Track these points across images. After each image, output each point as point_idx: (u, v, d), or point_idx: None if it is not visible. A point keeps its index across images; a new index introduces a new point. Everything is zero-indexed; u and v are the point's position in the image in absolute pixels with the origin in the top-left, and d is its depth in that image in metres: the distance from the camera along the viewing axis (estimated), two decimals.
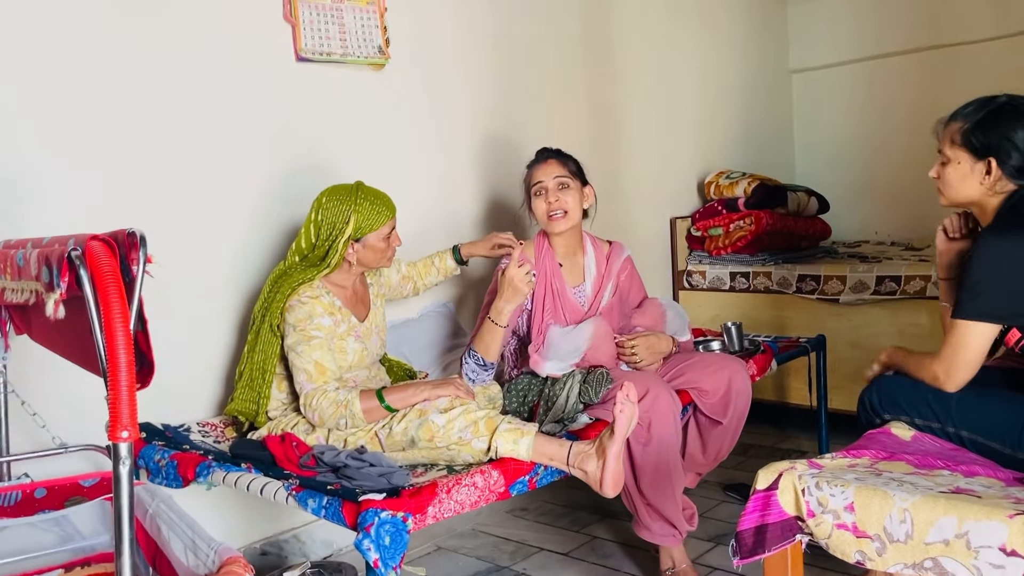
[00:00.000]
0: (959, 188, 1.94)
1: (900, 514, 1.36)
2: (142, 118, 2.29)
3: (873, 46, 4.56)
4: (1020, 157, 1.86)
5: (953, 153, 1.94)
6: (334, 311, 2.24)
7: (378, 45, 2.74)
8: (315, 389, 2.12)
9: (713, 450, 2.47)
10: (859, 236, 4.54)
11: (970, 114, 1.93)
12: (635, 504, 2.28)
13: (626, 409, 1.90)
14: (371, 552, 1.62)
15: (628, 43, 3.78)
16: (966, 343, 1.83)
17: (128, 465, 1.14)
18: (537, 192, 2.48)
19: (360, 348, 2.30)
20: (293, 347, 2.16)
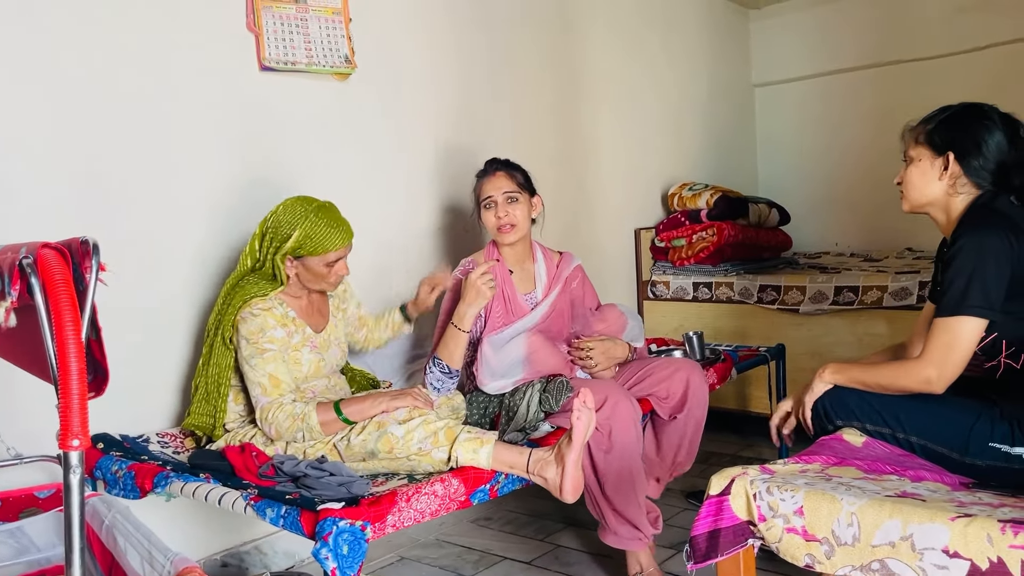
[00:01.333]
0: (920, 187, 1.97)
1: (848, 518, 1.39)
2: (102, 126, 2.27)
3: (833, 61, 4.66)
4: (981, 157, 1.89)
5: (916, 152, 1.99)
6: (287, 322, 2.22)
7: (344, 55, 2.75)
8: (271, 402, 2.10)
9: (670, 452, 2.48)
10: (819, 247, 4.62)
11: (935, 116, 1.99)
12: (601, 510, 2.30)
13: (583, 416, 1.92)
14: (329, 561, 1.62)
15: (593, 57, 3.83)
16: (958, 341, 1.81)
17: (79, 474, 1.14)
18: (487, 205, 2.52)
19: (316, 359, 2.28)
20: (247, 360, 2.15)
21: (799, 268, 3.93)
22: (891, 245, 4.27)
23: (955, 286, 1.81)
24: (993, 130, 1.90)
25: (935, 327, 1.84)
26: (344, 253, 2.24)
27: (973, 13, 4.14)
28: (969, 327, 1.80)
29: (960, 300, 1.80)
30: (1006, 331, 1.84)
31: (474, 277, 2.32)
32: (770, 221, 4.01)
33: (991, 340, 1.85)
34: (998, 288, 1.79)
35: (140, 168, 2.35)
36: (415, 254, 3.10)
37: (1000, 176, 1.90)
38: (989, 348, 1.87)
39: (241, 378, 2.21)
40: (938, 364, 1.82)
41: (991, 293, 1.78)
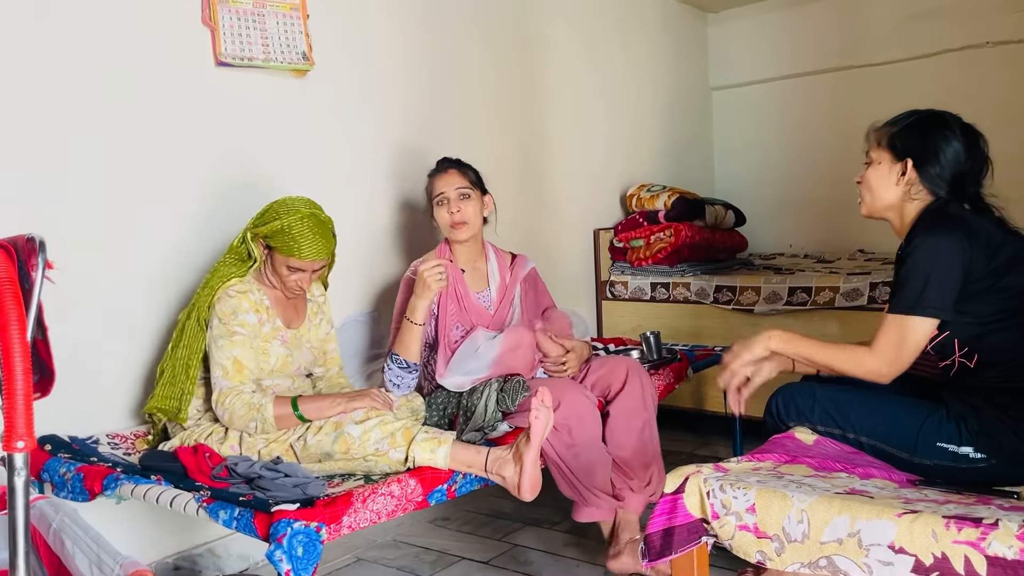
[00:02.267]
0: (878, 190, 2.01)
1: (798, 514, 1.42)
2: (53, 120, 2.22)
3: (789, 65, 4.73)
4: (938, 166, 1.93)
5: (877, 154, 2.02)
6: (260, 309, 2.22)
7: (302, 51, 2.72)
8: (230, 388, 2.09)
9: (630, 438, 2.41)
10: (775, 249, 4.69)
11: (899, 120, 2.02)
12: (578, 490, 2.30)
13: (541, 415, 1.94)
14: (283, 563, 1.60)
15: (551, 59, 3.84)
16: (908, 338, 1.84)
17: (24, 476, 1.11)
18: (439, 202, 2.54)
19: (285, 354, 2.27)
20: (215, 340, 2.14)
21: (754, 269, 3.99)
22: (844, 247, 4.35)
23: (910, 285, 1.84)
24: (952, 140, 1.94)
25: (888, 323, 1.87)
26: (308, 267, 2.20)
27: (924, 20, 4.24)
28: (922, 326, 1.84)
29: (915, 300, 1.83)
30: (959, 331, 1.88)
31: (422, 269, 2.35)
32: (726, 223, 4.06)
33: (943, 339, 1.89)
34: (952, 289, 1.82)
35: (92, 163, 2.30)
36: (372, 253, 3.08)
37: (956, 185, 1.94)
38: (941, 347, 1.91)
39: (207, 368, 2.18)
40: (888, 360, 1.85)
41: (946, 294, 1.82)
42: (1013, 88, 4.00)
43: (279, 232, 2.16)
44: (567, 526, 2.84)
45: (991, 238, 1.85)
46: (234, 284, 2.19)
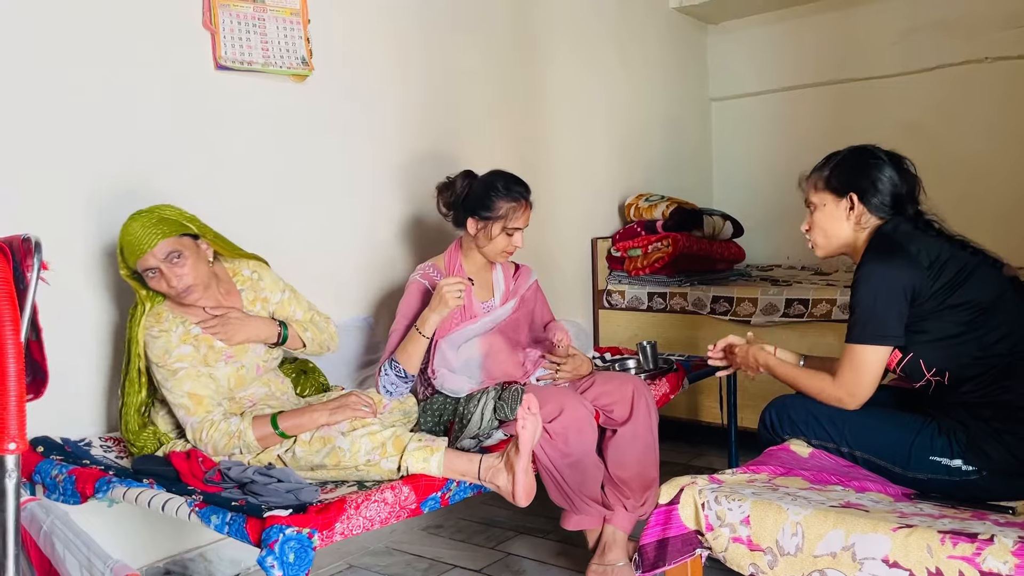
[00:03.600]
0: (831, 230, 2.11)
1: (792, 527, 1.42)
2: (52, 120, 2.22)
3: (788, 77, 4.74)
4: (879, 193, 2.03)
5: (819, 198, 2.12)
6: (188, 339, 2.11)
7: (301, 56, 2.72)
8: (200, 421, 2.04)
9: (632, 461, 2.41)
10: (772, 260, 4.70)
11: (826, 163, 2.13)
12: (570, 498, 2.29)
13: (528, 423, 1.93)
14: (274, 569, 1.59)
15: (552, 68, 3.84)
16: (864, 367, 1.93)
17: (15, 478, 1.11)
18: (509, 232, 2.48)
19: (234, 370, 2.18)
20: (162, 384, 2.08)
21: (751, 280, 3.99)
22: (840, 260, 4.35)
23: (855, 315, 1.95)
24: (883, 167, 2.05)
25: (843, 353, 1.98)
26: (156, 259, 2.03)
27: (924, 35, 4.26)
28: (871, 354, 1.92)
29: (860, 329, 1.93)
30: (923, 352, 1.93)
31: (444, 284, 2.27)
32: (724, 233, 4.06)
33: (908, 362, 1.95)
34: (898, 314, 1.90)
35: (90, 164, 2.29)
36: (371, 258, 3.08)
37: (896, 206, 2.04)
38: (910, 369, 1.96)
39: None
40: (848, 388, 1.95)
41: (888, 321, 1.90)
42: (1012, 103, 4.02)
43: (124, 250, 2.05)
44: (560, 535, 2.83)
45: (936, 257, 1.93)
46: (152, 325, 2.08)
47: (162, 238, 2.03)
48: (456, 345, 2.38)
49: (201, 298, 2.12)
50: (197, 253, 2.12)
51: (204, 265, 2.14)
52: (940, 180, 2.55)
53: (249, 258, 2.40)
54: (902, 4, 4.32)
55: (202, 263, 2.13)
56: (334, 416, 2.05)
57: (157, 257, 2.03)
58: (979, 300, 1.88)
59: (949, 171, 3.95)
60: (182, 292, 2.07)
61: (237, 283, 2.30)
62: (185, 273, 2.06)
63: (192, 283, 2.07)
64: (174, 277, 2.05)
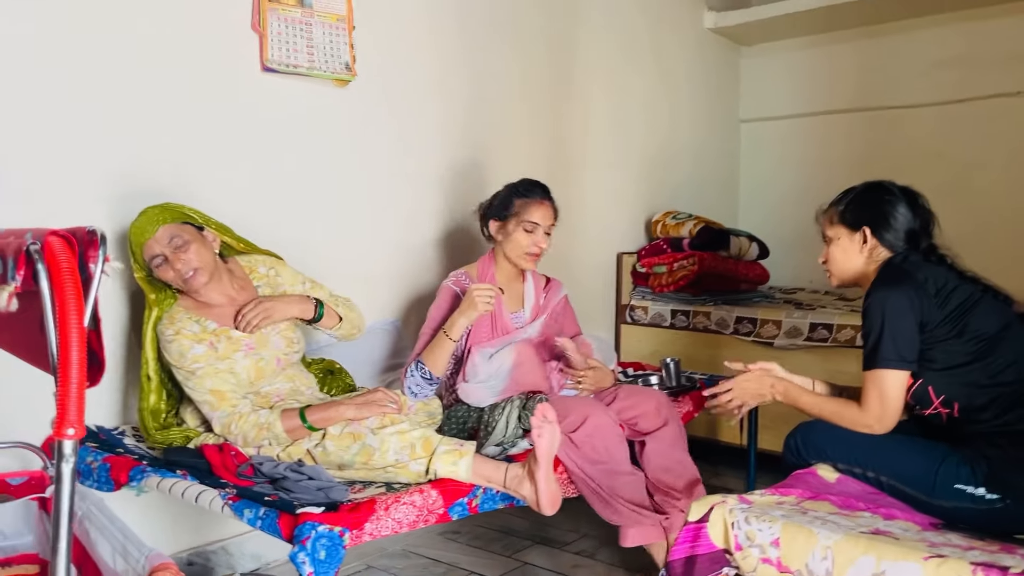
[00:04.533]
0: (844, 262, 2.17)
1: (823, 551, 1.43)
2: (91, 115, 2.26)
3: (818, 102, 4.75)
4: (891, 227, 2.09)
5: (834, 231, 2.18)
6: (205, 336, 2.14)
7: (345, 62, 2.76)
8: (228, 415, 2.07)
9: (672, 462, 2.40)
10: (795, 283, 4.69)
11: (842, 198, 2.19)
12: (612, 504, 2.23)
13: (544, 431, 1.94)
14: (305, 566, 1.62)
15: (585, 82, 3.87)
16: (885, 392, 1.96)
17: (72, 463, 1.13)
18: (528, 228, 2.53)
19: (253, 362, 2.20)
20: (184, 384, 2.13)
21: (775, 302, 3.99)
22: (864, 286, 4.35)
23: (869, 341, 1.99)
24: (896, 203, 2.11)
25: (864, 380, 2.01)
26: (158, 246, 2.09)
27: (954, 67, 4.26)
28: (890, 378, 1.95)
29: (875, 355, 1.96)
30: (931, 380, 1.97)
31: (475, 289, 2.33)
32: (750, 254, 4.07)
33: (917, 388, 1.98)
34: (908, 340, 1.94)
35: (129, 160, 2.34)
36: (404, 263, 3.11)
37: (910, 241, 2.09)
38: (919, 397, 1.99)
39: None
40: (875, 415, 1.97)
41: (900, 345, 1.94)
42: None
43: (131, 245, 2.13)
44: (577, 547, 2.85)
45: (943, 285, 1.98)
46: (166, 328, 2.12)
47: (163, 223, 2.11)
48: (488, 356, 2.41)
49: (208, 284, 2.15)
50: (201, 240, 2.17)
51: (209, 253, 2.18)
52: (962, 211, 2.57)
53: (264, 254, 2.43)
54: (935, 35, 4.33)
55: (207, 251, 2.17)
56: (361, 411, 2.08)
57: (161, 243, 2.10)
58: (986, 330, 1.93)
59: (971, 202, 3.97)
60: (189, 277, 2.11)
61: (253, 279, 2.34)
62: (190, 258, 2.11)
63: (198, 266, 2.11)
64: (179, 261, 2.09)
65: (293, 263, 2.49)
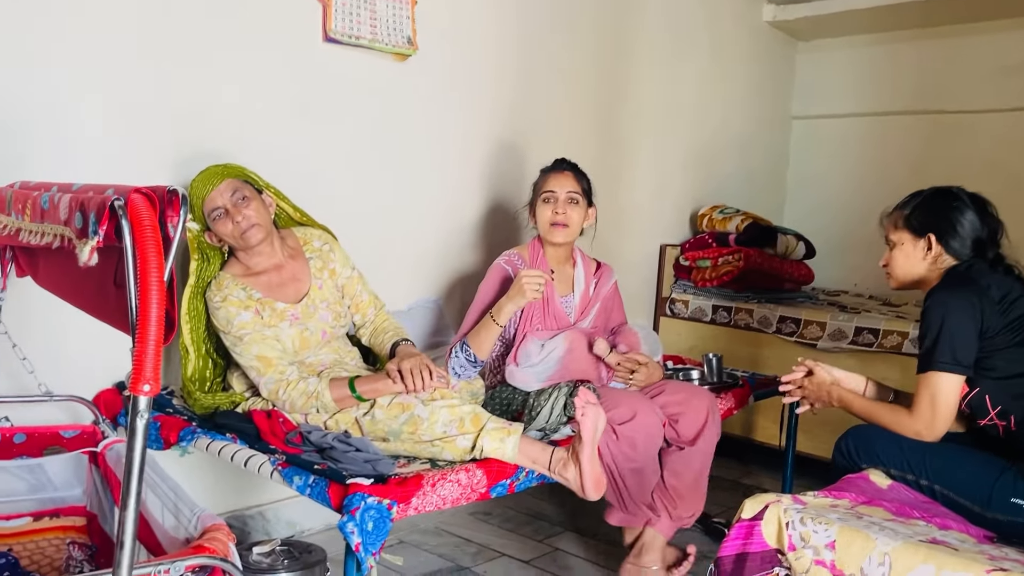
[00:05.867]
0: (906, 267, 2.14)
1: (880, 557, 1.41)
2: (162, 79, 2.28)
3: (874, 102, 4.67)
4: (957, 235, 2.05)
5: (897, 236, 2.14)
6: (250, 304, 2.15)
7: (407, 35, 2.75)
8: (276, 381, 2.08)
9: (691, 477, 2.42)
10: (838, 286, 4.63)
11: (908, 202, 2.16)
12: (623, 499, 2.32)
13: (588, 413, 1.94)
14: (354, 536, 1.63)
15: (640, 71, 3.83)
16: (939, 396, 1.94)
17: (146, 419, 1.14)
18: (547, 199, 2.52)
19: (298, 332, 2.21)
20: (232, 349, 2.15)
21: (819, 304, 3.94)
22: (911, 293, 4.26)
23: (925, 344, 1.97)
24: (965, 210, 2.07)
25: (917, 384, 1.99)
26: (220, 199, 2.12)
27: (1018, 75, 4.16)
28: (944, 382, 1.93)
29: (931, 357, 1.95)
30: (990, 389, 1.95)
31: (525, 274, 2.31)
32: (796, 253, 4.02)
33: (974, 396, 1.96)
34: (967, 345, 1.92)
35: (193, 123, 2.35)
36: (450, 242, 3.11)
37: (976, 249, 2.06)
38: (975, 405, 1.97)
39: None
40: (925, 420, 1.95)
41: (957, 350, 1.92)
42: None
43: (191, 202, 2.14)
44: (607, 536, 2.84)
45: (1007, 293, 1.95)
46: (214, 295, 2.15)
47: (227, 178, 2.15)
48: (541, 346, 2.39)
49: (263, 243, 2.18)
50: (260, 200, 2.20)
51: (267, 213, 2.21)
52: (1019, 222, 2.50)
53: (318, 228, 2.44)
54: (1001, 40, 4.22)
55: (265, 211, 2.20)
56: (409, 386, 2.08)
57: (223, 195, 2.13)
58: None
59: None
60: (247, 230, 2.13)
61: (306, 251, 2.35)
62: (250, 213, 2.14)
63: (257, 222, 2.14)
64: (239, 214, 2.12)
65: (344, 239, 2.50)
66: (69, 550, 1.95)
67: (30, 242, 1.54)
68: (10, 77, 2.02)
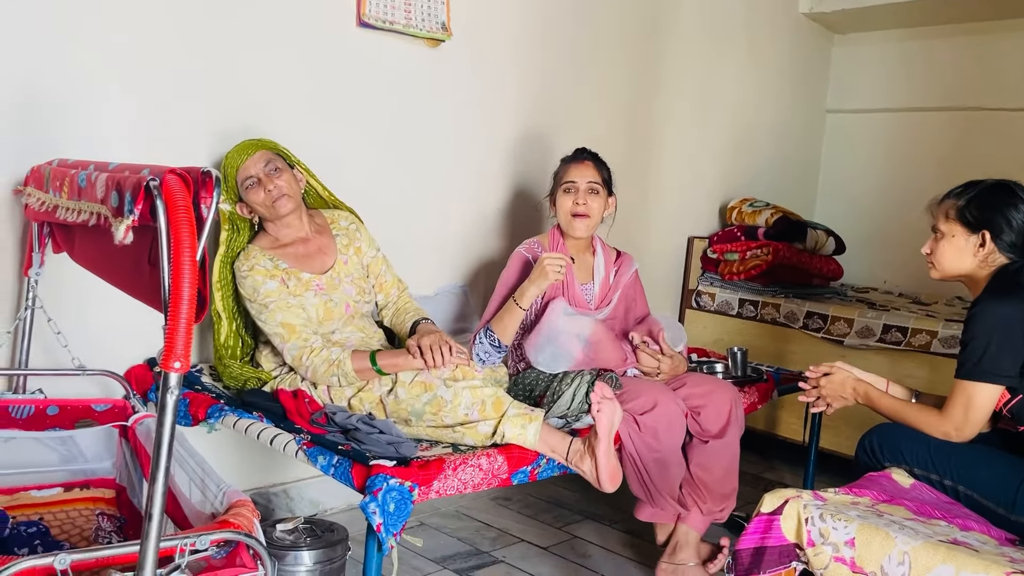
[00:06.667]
0: (953, 261, 2.06)
1: (900, 556, 1.40)
2: (198, 61, 2.30)
3: (911, 98, 4.59)
4: (1013, 233, 1.98)
5: (948, 227, 2.05)
6: (276, 273, 2.19)
7: (441, 21, 2.75)
8: (299, 348, 2.11)
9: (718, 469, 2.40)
10: (867, 282, 4.58)
11: (963, 192, 2.05)
12: (650, 491, 2.30)
13: (604, 408, 1.95)
14: (376, 516, 1.65)
15: (673, 61, 3.80)
16: (974, 403, 1.91)
17: (176, 395, 1.17)
18: (567, 189, 2.53)
19: (322, 302, 2.24)
20: (257, 318, 2.18)
21: (847, 300, 3.90)
22: (941, 291, 4.23)
23: (968, 350, 1.92)
24: (1021, 207, 1.99)
25: (954, 387, 1.95)
26: (253, 168, 2.18)
27: None
28: (982, 392, 1.90)
29: (973, 366, 1.90)
30: None
31: (546, 257, 2.32)
32: (825, 249, 3.98)
33: (1017, 403, 1.92)
34: (1012, 355, 1.88)
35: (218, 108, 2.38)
36: (475, 228, 3.12)
37: None
38: (1018, 411, 1.93)
39: None
40: (956, 424, 1.93)
41: (1003, 360, 1.88)
42: None
43: (224, 173, 2.20)
44: (626, 526, 2.86)
45: None
46: (241, 264, 2.19)
47: (261, 149, 2.21)
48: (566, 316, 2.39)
49: (292, 214, 2.23)
50: (292, 175, 2.26)
51: (297, 188, 2.27)
52: None
53: (346, 210, 2.48)
54: None
55: (295, 185, 2.26)
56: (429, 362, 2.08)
57: (257, 165, 2.18)
58: None
59: None
60: (277, 199, 2.19)
61: (333, 229, 2.39)
62: (281, 184, 2.19)
63: (287, 192, 2.20)
64: (270, 183, 2.17)
65: (372, 223, 2.52)
66: (98, 521, 2.00)
67: (67, 219, 1.57)
68: (45, 57, 2.05)
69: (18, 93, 2.01)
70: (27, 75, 2.02)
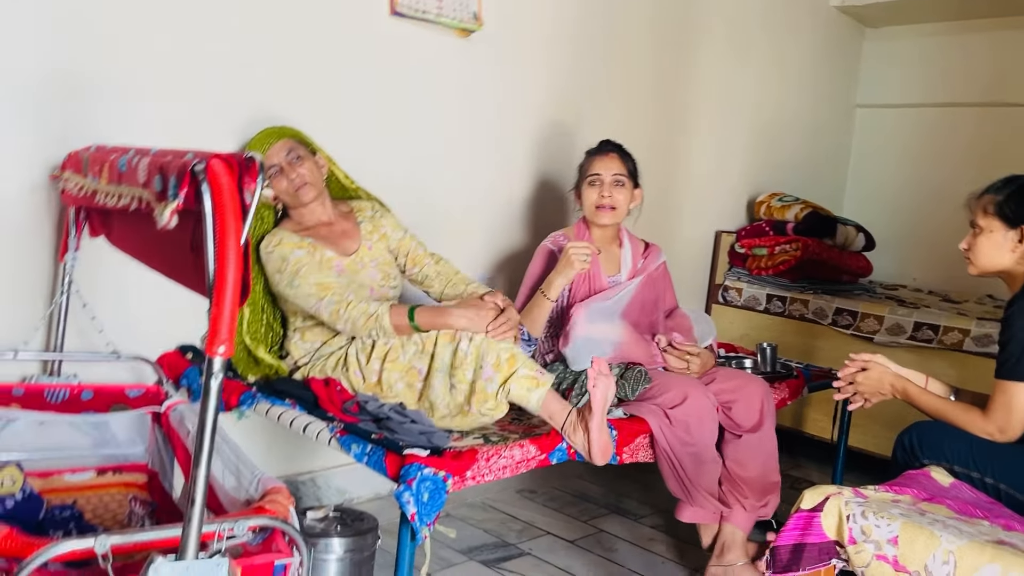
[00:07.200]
0: (991, 256, 2.04)
1: (944, 555, 1.38)
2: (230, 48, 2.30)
3: (942, 93, 4.53)
4: None
5: (986, 223, 2.03)
6: (304, 245, 2.19)
7: (473, 11, 2.74)
8: (336, 303, 2.08)
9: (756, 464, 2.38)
10: (896, 280, 4.53)
11: (1002, 187, 2.03)
12: (686, 488, 2.28)
13: (600, 383, 1.94)
14: (410, 505, 1.65)
15: (703, 54, 3.76)
16: (1015, 404, 1.90)
17: (219, 380, 1.16)
18: (592, 182, 2.51)
19: (346, 281, 2.22)
20: (288, 287, 2.14)
21: (876, 297, 3.86)
22: (971, 289, 4.17)
23: (1008, 350, 1.91)
24: None
25: (995, 387, 1.93)
26: (277, 151, 2.20)
27: None
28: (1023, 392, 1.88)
29: (1013, 365, 1.89)
30: None
31: (570, 247, 2.31)
32: (855, 245, 3.93)
33: None
34: None
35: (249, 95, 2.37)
36: (500, 219, 3.11)
37: None
38: None
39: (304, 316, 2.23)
40: (999, 424, 1.91)
41: None
42: None
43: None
44: (652, 520, 2.84)
45: None
46: (267, 244, 2.19)
47: (284, 137, 2.23)
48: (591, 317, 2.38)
49: (315, 201, 2.25)
50: (314, 162, 2.27)
51: (319, 175, 2.28)
52: None
53: (369, 198, 2.47)
54: None
55: (317, 172, 2.27)
56: (473, 323, 2.06)
57: (279, 154, 2.20)
58: None
59: None
60: (300, 187, 2.21)
61: (358, 217, 2.39)
62: (304, 172, 2.21)
63: (309, 180, 2.22)
64: (293, 172, 2.20)
65: (401, 212, 2.51)
66: (131, 505, 2.01)
67: (106, 204, 1.57)
68: (80, 42, 2.05)
69: (52, 81, 2.01)
70: (61, 63, 2.02)
